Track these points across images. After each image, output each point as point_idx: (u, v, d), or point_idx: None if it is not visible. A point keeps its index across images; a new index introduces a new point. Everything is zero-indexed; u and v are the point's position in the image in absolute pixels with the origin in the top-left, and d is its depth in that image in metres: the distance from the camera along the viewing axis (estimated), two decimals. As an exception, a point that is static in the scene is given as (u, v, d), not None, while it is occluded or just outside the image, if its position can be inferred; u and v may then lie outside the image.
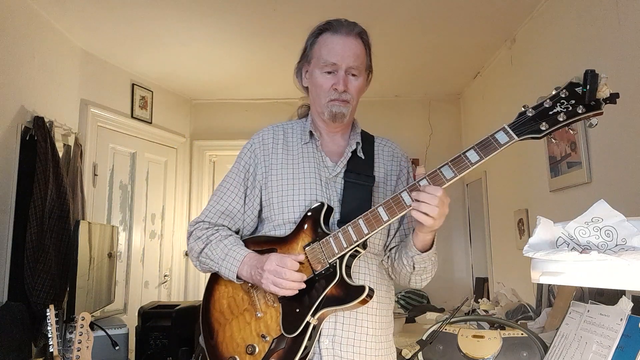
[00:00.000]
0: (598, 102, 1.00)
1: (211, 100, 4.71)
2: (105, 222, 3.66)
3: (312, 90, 1.37)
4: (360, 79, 1.33)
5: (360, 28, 1.36)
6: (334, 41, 1.31)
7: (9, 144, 2.65)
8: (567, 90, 1.04)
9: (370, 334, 1.27)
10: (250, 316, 1.26)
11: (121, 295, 3.74)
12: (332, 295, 1.18)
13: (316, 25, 1.38)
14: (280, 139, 1.39)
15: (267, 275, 1.18)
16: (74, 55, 3.40)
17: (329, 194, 1.31)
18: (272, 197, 1.32)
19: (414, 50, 3.59)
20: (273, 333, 1.21)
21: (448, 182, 1.11)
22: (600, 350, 0.99)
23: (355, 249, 1.20)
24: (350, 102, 1.32)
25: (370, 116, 4.56)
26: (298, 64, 1.41)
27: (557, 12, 2.68)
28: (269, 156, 1.36)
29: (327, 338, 1.23)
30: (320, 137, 1.39)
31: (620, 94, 1.02)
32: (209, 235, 1.33)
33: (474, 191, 4.33)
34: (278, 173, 1.34)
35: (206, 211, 1.38)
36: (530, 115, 1.06)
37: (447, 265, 4.52)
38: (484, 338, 1.43)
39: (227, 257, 1.27)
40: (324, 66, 1.30)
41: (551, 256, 0.98)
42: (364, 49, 1.36)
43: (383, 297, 1.33)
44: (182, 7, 2.94)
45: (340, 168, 1.34)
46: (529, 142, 3.29)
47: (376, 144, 1.44)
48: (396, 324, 3.21)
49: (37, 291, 2.53)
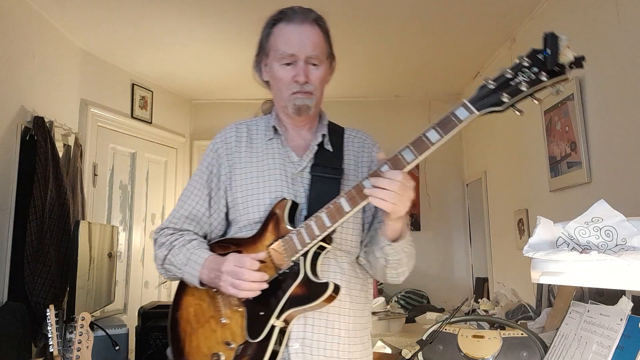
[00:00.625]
0: (562, 67, 0.93)
1: (211, 100, 4.71)
2: (105, 222, 3.66)
3: (273, 84, 1.30)
4: (321, 67, 1.25)
5: (316, 14, 1.28)
6: (289, 31, 1.24)
7: (9, 144, 2.64)
8: (530, 58, 0.97)
9: (343, 335, 1.20)
10: (215, 323, 1.20)
11: (121, 295, 3.74)
12: (297, 294, 1.12)
13: (269, 16, 1.30)
14: (243, 137, 1.33)
15: (225, 277, 1.13)
16: (74, 55, 3.40)
17: (296, 189, 1.25)
18: (237, 198, 1.27)
19: (414, 50, 3.59)
20: (238, 339, 1.15)
21: (409, 164, 1.04)
22: (600, 350, 0.99)
23: (320, 245, 1.14)
24: (313, 93, 1.25)
25: (370, 116, 4.57)
26: (256, 58, 1.34)
27: (557, 12, 2.68)
28: (232, 155, 1.31)
29: (296, 342, 1.17)
30: (286, 132, 1.32)
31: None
32: (173, 241, 1.28)
33: (474, 191, 4.33)
34: (242, 172, 1.29)
35: (170, 217, 1.33)
36: (491, 87, 0.99)
37: (447, 265, 4.52)
38: (484, 338, 1.43)
39: (189, 262, 1.21)
40: (282, 58, 1.23)
41: (551, 256, 0.99)
42: (322, 36, 1.27)
43: (356, 295, 1.26)
44: (182, 7, 2.94)
45: (306, 162, 1.28)
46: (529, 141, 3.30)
47: (346, 135, 1.37)
48: (396, 324, 3.21)
49: (37, 291, 2.53)
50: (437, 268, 4.50)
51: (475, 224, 4.37)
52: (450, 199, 4.59)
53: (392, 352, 2.27)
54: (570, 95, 2.45)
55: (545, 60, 0.94)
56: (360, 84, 4.29)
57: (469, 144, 4.46)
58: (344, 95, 4.43)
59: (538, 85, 0.96)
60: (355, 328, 1.24)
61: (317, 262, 1.16)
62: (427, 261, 4.48)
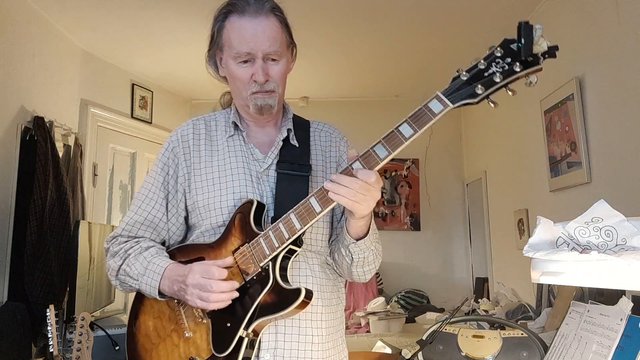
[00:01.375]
0: (536, 57, 0.91)
1: (211, 100, 4.70)
2: (105, 222, 3.66)
3: (230, 82, 1.21)
4: (281, 62, 1.16)
5: (272, 3, 1.17)
6: (242, 26, 1.13)
7: (9, 144, 2.65)
8: (502, 48, 0.94)
9: (316, 342, 1.13)
10: (178, 337, 1.12)
11: (121, 295, 3.73)
12: (266, 302, 1.04)
13: (219, 7, 1.18)
14: (202, 134, 1.23)
15: (192, 290, 1.03)
16: (74, 55, 3.40)
17: (261, 189, 1.17)
18: (197, 201, 1.17)
19: (414, 50, 3.59)
20: (204, 354, 1.07)
21: (382, 161, 0.99)
22: (600, 350, 0.99)
23: (289, 248, 1.06)
24: (275, 91, 1.16)
25: (370, 116, 4.57)
26: (209, 52, 1.23)
27: (557, 12, 2.68)
28: (190, 154, 1.21)
29: (267, 352, 1.09)
30: (247, 128, 1.24)
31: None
32: (127, 249, 1.17)
33: (474, 191, 4.33)
34: (202, 172, 1.19)
35: (123, 223, 1.21)
36: (464, 79, 0.95)
37: (447, 265, 4.52)
38: (484, 338, 1.43)
39: (147, 272, 1.11)
40: (237, 57, 1.13)
41: (551, 256, 0.98)
42: (280, 27, 1.16)
43: (327, 298, 1.19)
44: (182, 8, 2.94)
45: (271, 159, 1.19)
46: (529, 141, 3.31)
47: (312, 129, 1.29)
48: (396, 324, 3.22)
49: (37, 291, 2.53)
50: (437, 268, 4.50)
51: (475, 224, 4.37)
52: (450, 199, 4.59)
53: (392, 352, 2.27)
54: (570, 95, 2.45)
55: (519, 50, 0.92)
56: (360, 84, 4.29)
57: (469, 144, 4.46)
58: (344, 95, 4.43)
59: (512, 77, 0.94)
60: (329, 332, 1.18)
61: (287, 266, 1.09)
62: (427, 261, 4.48)
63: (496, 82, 0.94)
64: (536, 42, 0.90)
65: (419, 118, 0.98)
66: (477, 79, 0.95)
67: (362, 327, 3.41)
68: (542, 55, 0.91)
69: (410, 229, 4.55)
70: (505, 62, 0.94)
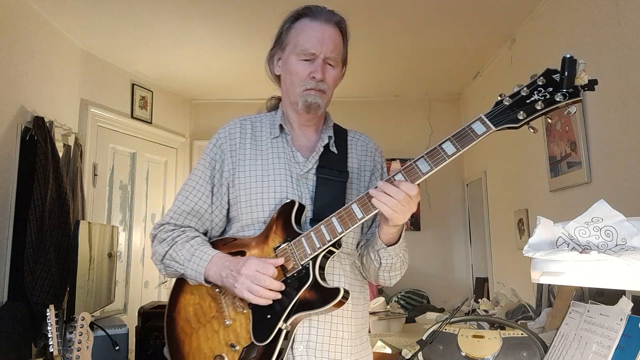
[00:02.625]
0: (576, 89, 0.97)
1: (211, 100, 4.71)
2: (105, 222, 3.66)
3: (285, 78, 1.29)
4: (337, 69, 1.27)
5: (339, 17, 1.30)
6: (312, 27, 1.24)
7: (9, 144, 2.65)
8: (545, 78, 1.01)
9: (345, 337, 1.22)
10: (218, 324, 1.18)
11: (121, 295, 3.74)
12: (305, 299, 1.11)
13: (294, 10, 1.29)
14: (248, 133, 1.30)
15: (244, 280, 1.10)
16: (73, 55, 3.40)
17: (301, 191, 1.24)
18: (240, 196, 1.25)
19: (414, 50, 3.59)
20: (243, 341, 1.14)
21: (424, 175, 1.05)
22: (600, 350, 0.99)
23: (328, 249, 1.14)
24: (326, 93, 1.25)
25: (370, 116, 4.57)
26: (270, 51, 1.32)
27: (557, 12, 2.68)
28: (236, 151, 1.28)
29: (301, 344, 1.17)
30: (292, 131, 1.31)
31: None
32: (175, 237, 1.25)
33: (474, 191, 4.33)
34: (246, 170, 1.26)
35: (171, 212, 1.29)
36: (507, 104, 1.02)
37: (447, 265, 4.52)
38: (484, 338, 1.43)
39: (194, 258, 1.19)
40: (301, 53, 1.23)
41: (551, 256, 0.98)
42: (342, 39, 1.29)
43: (356, 297, 1.27)
44: (182, 8, 2.94)
45: (312, 164, 1.27)
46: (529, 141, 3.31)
47: (349, 137, 1.37)
48: (396, 324, 3.21)
49: (37, 291, 2.53)
50: (437, 268, 4.50)
51: (475, 224, 4.37)
52: (450, 199, 4.59)
53: (392, 352, 2.27)
54: (570, 95, 2.45)
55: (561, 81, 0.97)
56: (360, 84, 4.29)
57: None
58: (344, 95, 4.43)
59: (553, 106, 0.99)
60: (357, 329, 1.25)
61: (324, 266, 1.16)
62: (427, 261, 4.48)
63: (537, 110, 1.00)
64: (578, 75, 0.97)
65: (462, 138, 1.05)
66: (520, 106, 1.02)
67: (362, 327, 3.40)
68: (582, 87, 0.98)
69: (410, 229, 4.55)
70: (547, 91, 1.00)
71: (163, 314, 1.23)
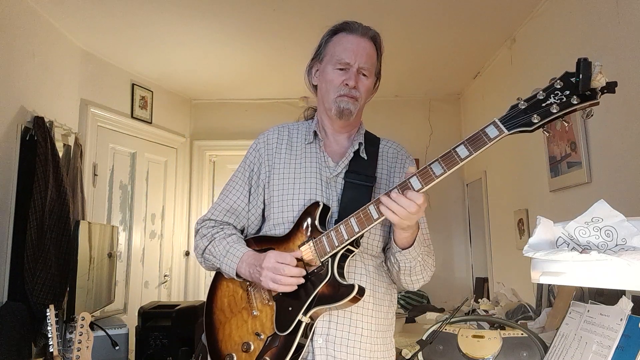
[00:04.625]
0: (594, 91, 0.96)
1: (211, 100, 4.71)
2: (105, 222, 3.66)
3: (321, 86, 1.38)
4: (370, 79, 1.35)
5: (374, 32, 1.39)
6: (349, 40, 1.34)
7: (9, 144, 2.65)
8: (562, 81, 1.00)
9: (365, 334, 1.27)
10: (247, 314, 1.29)
11: (121, 295, 3.74)
12: (324, 293, 1.19)
13: (333, 24, 1.40)
14: (284, 139, 1.41)
15: (266, 272, 1.20)
16: (73, 55, 3.40)
17: (329, 193, 1.32)
18: (273, 196, 1.35)
19: (414, 50, 3.59)
20: (267, 331, 1.23)
21: (438, 178, 1.09)
22: (600, 350, 0.99)
23: (347, 248, 1.21)
24: (358, 100, 1.33)
25: (370, 116, 4.52)
26: (310, 62, 1.43)
27: (557, 12, 2.68)
28: (273, 156, 1.39)
29: (320, 337, 1.24)
30: (325, 138, 1.40)
31: (621, 94, 1.00)
32: (214, 234, 1.36)
33: (474, 191, 4.33)
34: (280, 172, 1.36)
35: (212, 209, 1.42)
36: (522, 107, 1.02)
37: (447, 265, 4.52)
38: (484, 338, 1.43)
39: (228, 254, 1.30)
40: (337, 63, 1.32)
41: (551, 256, 0.98)
42: (376, 53, 1.38)
43: (380, 298, 1.32)
44: (182, 7, 2.94)
45: (341, 168, 1.35)
46: (529, 141, 3.30)
47: (381, 145, 1.44)
48: (396, 324, 3.21)
49: (37, 291, 2.53)
50: (437, 268, 4.44)
51: (475, 224, 4.37)
52: (450, 199, 4.59)
53: (392, 352, 2.26)
54: (570, 95, 2.45)
55: (577, 84, 0.96)
56: (360, 84, 4.28)
57: (469, 144, 4.46)
58: (344, 95, 4.43)
59: (569, 109, 0.98)
60: (377, 329, 1.30)
61: (344, 264, 1.23)
62: (427, 261, 4.47)
63: (553, 113, 1.00)
64: (594, 77, 0.94)
65: (476, 141, 1.06)
66: (535, 109, 1.01)
67: (362, 327, 3.40)
68: (601, 90, 0.96)
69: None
70: (564, 94, 1.00)
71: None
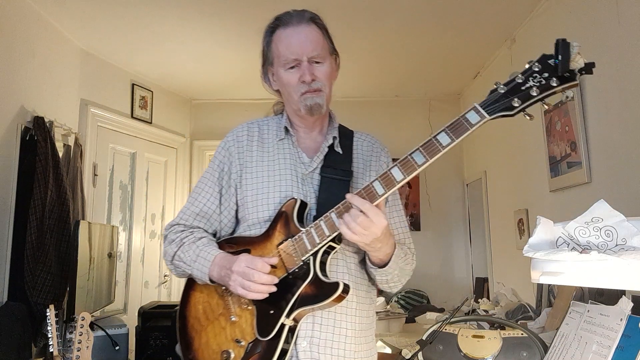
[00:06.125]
0: (573, 73, 0.96)
1: (211, 100, 4.70)
2: (105, 222, 3.65)
3: (282, 91, 1.33)
4: (325, 64, 1.27)
5: (311, 13, 1.30)
6: (287, 35, 1.26)
7: (9, 144, 2.64)
8: (540, 63, 0.99)
9: (349, 335, 1.23)
10: (225, 321, 1.22)
11: (121, 295, 3.74)
12: (307, 294, 1.14)
13: (267, 25, 1.33)
14: (255, 136, 1.35)
15: (235, 277, 1.14)
16: (73, 55, 3.40)
17: (305, 190, 1.27)
18: (247, 196, 1.29)
19: (414, 50, 3.59)
20: (248, 337, 1.17)
21: (420, 167, 1.06)
22: (600, 350, 0.99)
23: (329, 244, 1.15)
24: (322, 90, 1.26)
25: (370, 116, 4.57)
26: (262, 69, 1.37)
27: (557, 12, 2.68)
28: (244, 154, 1.33)
29: (304, 340, 1.19)
30: (297, 134, 1.34)
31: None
32: (183, 238, 1.29)
33: (474, 191, 4.33)
34: (252, 171, 1.31)
35: (181, 213, 1.34)
36: (502, 91, 1.01)
37: (447, 265, 4.52)
38: (484, 338, 1.43)
39: (199, 259, 1.23)
40: (286, 63, 1.25)
41: (551, 256, 0.98)
42: (321, 33, 1.29)
43: (363, 297, 1.28)
44: (182, 7, 2.94)
45: (316, 163, 1.30)
46: (529, 141, 3.30)
47: (355, 138, 1.39)
48: (396, 324, 3.21)
49: (37, 291, 2.53)
50: (437, 268, 4.50)
51: (475, 224, 4.36)
52: (450, 199, 4.59)
53: (392, 352, 2.27)
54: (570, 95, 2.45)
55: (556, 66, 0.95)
56: (360, 84, 4.29)
57: (469, 144, 4.46)
58: (344, 95, 4.43)
59: (549, 91, 0.98)
60: (361, 328, 1.26)
61: (326, 262, 1.18)
62: (427, 261, 4.48)
63: (533, 96, 0.98)
64: (573, 58, 0.94)
65: (457, 128, 1.04)
66: (514, 93, 1.00)
67: (362, 327, 3.40)
68: (579, 71, 0.96)
69: (410, 229, 4.54)
70: (543, 77, 0.99)
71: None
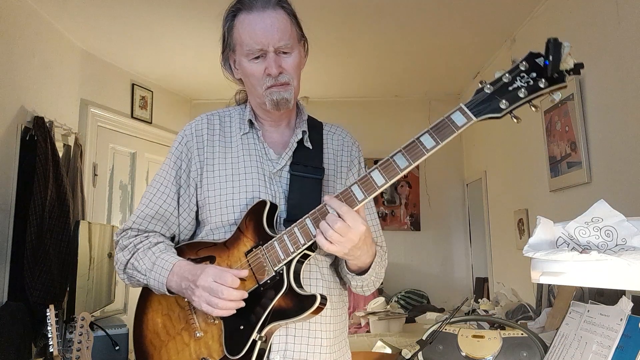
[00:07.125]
0: (561, 74, 0.90)
1: (211, 100, 4.70)
2: (105, 222, 3.65)
3: (246, 82, 1.19)
4: (294, 54, 1.14)
5: None
6: (251, 21, 1.11)
7: (9, 144, 2.64)
8: (527, 62, 0.93)
9: (324, 345, 1.13)
10: (188, 336, 1.10)
11: (121, 295, 3.74)
12: (281, 307, 1.03)
13: (228, 7, 1.17)
14: (216, 129, 1.21)
15: (201, 292, 1.01)
16: (74, 55, 3.40)
17: (274, 190, 1.15)
18: (209, 197, 1.16)
19: (414, 50, 3.59)
20: (215, 355, 1.06)
21: (402, 171, 0.97)
22: (600, 350, 0.99)
23: (303, 253, 1.05)
24: (290, 83, 1.13)
25: (370, 116, 4.57)
26: (222, 55, 1.22)
27: (557, 12, 2.68)
28: (204, 149, 1.19)
29: (277, 354, 1.09)
30: (262, 128, 1.21)
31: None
32: (137, 244, 1.15)
33: (474, 191, 4.33)
34: (214, 169, 1.17)
35: (134, 216, 1.20)
36: (488, 92, 0.94)
37: (447, 265, 4.52)
38: (484, 338, 1.43)
39: (155, 267, 1.10)
40: (250, 53, 1.11)
41: (551, 256, 0.98)
42: (289, 19, 1.14)
43: (336, 302, 1.19)
44: (182, 7, 2.94)
45: (285, 160, 1.18)
46: (529, 141, 3.31)
47: (325, 131, 1.27)
48: (396, 324, 3.22)
49: (37, 291, 2.53)
50: (437, 268, 4.50)
51: (475, 224, 4.37)
52: (450, 199, 4.59)
53: (392, 352, 2.27)
54: (570, 95, 2.45)
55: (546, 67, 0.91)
56: (360, 84, 4.29)
57: (469, 144, 4.46)
58: (343, 95, 4.44)
59: (536, 93, 0.93)
60: (335, 335, 1.18)
61: (300, 271, 1.07)
62: (427, 261, 4.48)
63: (520, 98, 0.93)
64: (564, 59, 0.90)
65: (441, 130, 0.96)
66: (502, 94, 0.94)
67: (362, 327, 3.41)
68: (568, 72, 0.91)
69: (410, 229, 4.55)
70: (530, 77, 0.93)
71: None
